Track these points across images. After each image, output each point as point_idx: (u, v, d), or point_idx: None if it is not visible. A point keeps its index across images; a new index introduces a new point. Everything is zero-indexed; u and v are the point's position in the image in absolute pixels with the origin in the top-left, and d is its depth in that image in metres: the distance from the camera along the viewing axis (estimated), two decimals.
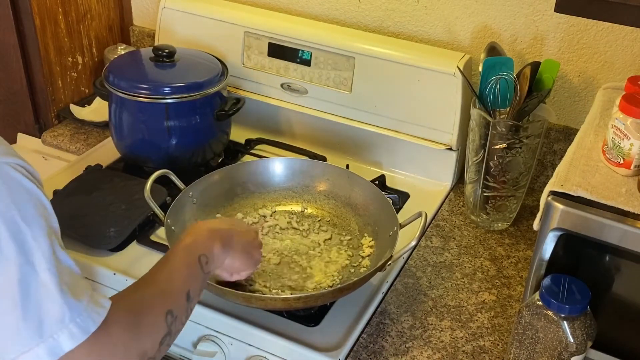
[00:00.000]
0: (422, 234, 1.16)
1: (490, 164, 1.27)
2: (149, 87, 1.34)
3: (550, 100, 1.39)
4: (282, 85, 1.52)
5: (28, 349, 0.67)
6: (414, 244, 1.07)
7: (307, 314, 1.11)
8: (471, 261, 1.27)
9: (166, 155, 1.39)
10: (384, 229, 1.19)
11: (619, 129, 0.96)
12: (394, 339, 1.10)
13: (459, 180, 1.46)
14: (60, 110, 1.66)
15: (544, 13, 1.34)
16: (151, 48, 1.42)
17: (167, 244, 1.11)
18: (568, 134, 1.39)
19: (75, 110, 1.65)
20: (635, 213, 0.89)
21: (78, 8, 1.63)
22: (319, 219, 1.30)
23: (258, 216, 1.30)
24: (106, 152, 1.50)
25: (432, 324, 1.13)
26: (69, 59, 1.65)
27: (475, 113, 1.28)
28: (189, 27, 1.59)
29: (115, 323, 0.74)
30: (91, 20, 1.68)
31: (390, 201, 1.22)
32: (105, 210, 1.28)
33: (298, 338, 1.07)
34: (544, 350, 0.94)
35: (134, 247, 1.24)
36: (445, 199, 1.44)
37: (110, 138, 1.47)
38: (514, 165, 1.27)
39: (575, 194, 0.92)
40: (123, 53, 1.65)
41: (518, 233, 1.35)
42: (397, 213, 1.22)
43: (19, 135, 1.68)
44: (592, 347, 0.97)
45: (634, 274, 0.94)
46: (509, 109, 1.27)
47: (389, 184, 1.44)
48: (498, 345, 1.10)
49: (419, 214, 1.13)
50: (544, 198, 0.95)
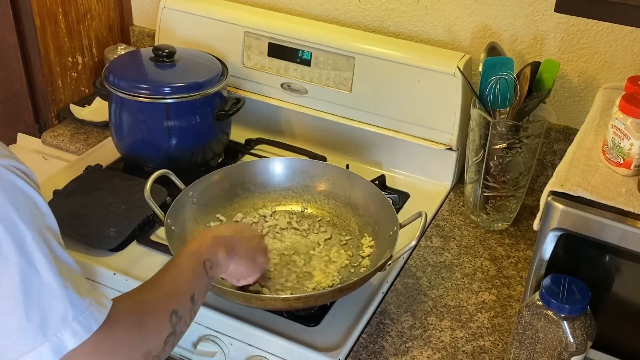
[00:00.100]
0: (422, 234, 1.16)
1: (490, 164, 1.27)
2: (149, 87, 1.34)
3: (550, 100, 1.39)
4: (282, 85, 1.52)
5: (32, 348, 0.68)
6: (414, 244, 1.07)
7: (307, 314, 1.11)
8: (471, 261, 1.27)
9: (166, 155, 1.39)
10: (384, 229, 1.19)
11: (619, 129, 0.96)
12: (394, 339, 1.10)
13: (459, 180, 1.46)
14: (60, 110, 1.65)
15: (544, 13, 1.34)
16: (151, 48, 1.42)
17: (167, 244, 1.11)
18: (568, 134, 1.39)
19: (75, 110, 1.65)
20: (635, 213, 0.89)
21: (78, 8, 1.63)
22: (319, 219, 1.30)
23: (258, 216, 1.30)
24: (106, 152, 1.50)
25: (432, 324, 1.13)
26: (69, 59, 1.65)
27: (475, 113, 1.28)
28: (189, 27, 1.59)
29: (119, 322, 0.75)
30: (91, 20, 1.68)
31: (390, 201, 1.22)
32: (105, 210, 1.28)
33: (298, 338, 1.07)
34: (544, 350, 0.94)
35: (134, 247, 1.24)
36: (445, 199, 1.43)
37: (110, 138, 1.47)
38: (514, 165, 1.27)
39: (575, 194, 0.92)
40: (123, 53, 1.65)
41: (518, 233, 1.35)
42: (397, 213, 1.22)
43: (19, 135, 1.68)
44: (592, 347, 0.97)
45: (634, 274, 0.94)
46: (509, 109, 1.27)
47: (389, 184, 1.44)
48: (498, 345, 1.10)
49: (419, 214, 1.13)
50: (544, 198, 0.95)
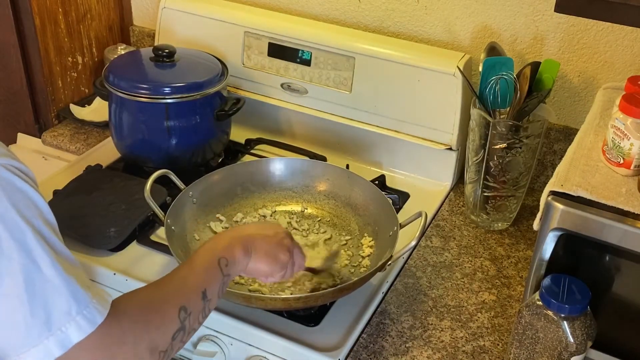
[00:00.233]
0: (422, 234, 1.16)
1: (490, 164, 1.27)
2: (149, 87, 1.34)
3: (550, 100, 1.39)
4: (282, 85, 1.52)
5: (38, 343, 0.69)
6: (414, 244, 1.07)
7: (307, 314, 1.11)
8: (471, 261, 1.27)
9: (166, 155, 1.39)
10: (384, 229, 1.19)
11: (619, 129, 0.96)
12: (394, 339, 1.10)
13: (459, 180, 1.46)
14: (60, 110, 1.65)
15: (544, 13, 1.34)
16: (151, 48, 1.42)
17: (167, 244, 1.11)
18: (568, 134, 1.39)
19: (75, 110, 1.65)
20: (635, 213, 0.89)
21: (78, 8, 1.63)
22: (319, 219, 1.30)
23: (258, 216, 1.30)
24: (106, 152, 1.50)
25: (432, 324, 1.13)
26: (69, 59, 1.65)
27: (475, 113, 1.28)
28: (189, 27, 1.59)
29: (125, 315, 0.75)
30: (91, 20, 1.68)
31: (390, 201, 1.22)
32: (105, 210, 1.28)
33: (298, 338, 1.07)
34: (544, 350, 0.94)
35: (134, 247, 1.24)
36: (445, 199, 1.43)
37: (110, 138, 1.47)
38: (514, 165, 1.27)
39: (575, 194, 0.92)
40: (123, 53, 1.65)
41: (518, 233, 1.35)
42: (397, 213, 1.22)
43: (19, 135, 1.68)
44: (592, 347, 0.97)
45: (634, 274, 0.94)
46: (509, 109, 1.27)
47: (389, 184, 1.44)
48: (498, 345, 1.10)
49: (419, 214, 1.13)
50: (544, 198, 0.95)
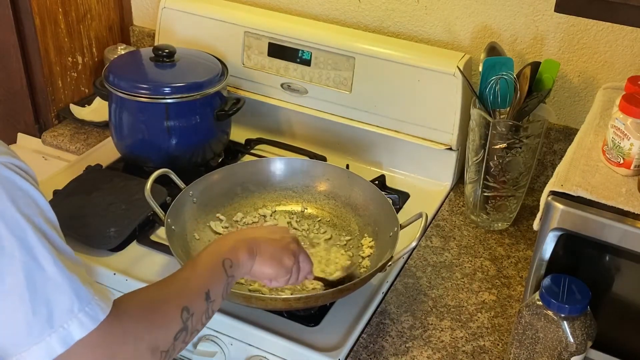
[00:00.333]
0: (422, 235, 1.16)
1: (490, 164, 1.27)
2: (149, 87, 1.34)
3: (550, 100, 1.39)
4: (282, 85, 1.52)
5: (40, 340, 0.69)
6: (414, 245, 1.07)
7: (307, 314, 1.11)
8: (471, 261, 1.27)
9: (166, 155, 1.39)
10: (384, 229, 1.19)
11: (619, 129, 0.96)
12: (394, 339, 1.10)
13: (459, 180, 1.46)
14: (60, 110, 1.65)
15: (544, 13, 1.34)
16: (151, 48, 1.42)
17: (167, 243, 1.11)
18: (568, 134, 1.39)
19: (75, 110, 1.65)
20: (635, 213, 0.89)
21: (78, 8, 1.63)
22: (319, 219, 1.30)
23: (258, 216, 1.30)
24: (106, 152, 1.50)
25: (432, 324, 1.13)
26: (69, 59, 1.65)
27: (475, 113, 1.28)
28: (189, 27, 1.59)
29: (127, 313, 0.75)
30: (91, 20, 1.68)
31: (390, 201, 1.22)
32: (105, 210, 1.28)
33: (298, 338, 1.07)
34: (544, 350, 0.94)
35: (134, 247, 1.24)
36: (445, 199, 1.43)
37: (110, 138, 1.47)
38: (514, 165, 1.27)
39: (575, 194, 0.92)
40: (123, 53, 1.65)
41: (518, 233, 1.35)
42: (397, 213, 1.22)
43: (19, 135, 1.68)
44: (592, 347, 0.97)
45: (634, 274, 0.94)
46: (509, 109, 1.27)
47: (389, 184, 1.44)
48: (498, 345, 1.10)
49: (420, 215, 1.13)
50: (544, 198, 0.95)
